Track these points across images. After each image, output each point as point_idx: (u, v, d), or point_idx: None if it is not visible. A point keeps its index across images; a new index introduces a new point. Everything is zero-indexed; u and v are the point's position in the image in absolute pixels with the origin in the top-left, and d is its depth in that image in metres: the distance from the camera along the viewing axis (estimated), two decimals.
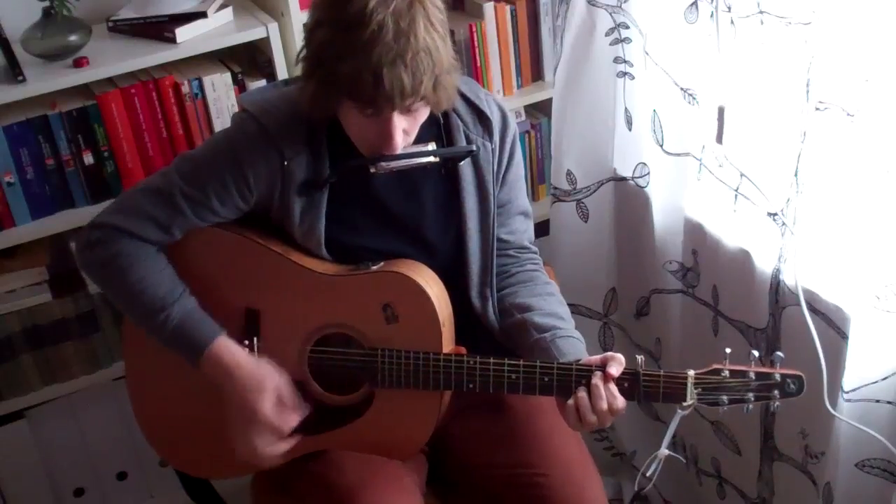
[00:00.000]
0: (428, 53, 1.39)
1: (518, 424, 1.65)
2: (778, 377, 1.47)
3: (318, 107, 1.47)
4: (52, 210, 2.02)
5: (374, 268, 1.57)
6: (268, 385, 1.53)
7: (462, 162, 1.60)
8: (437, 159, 1.54)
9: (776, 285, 1.76)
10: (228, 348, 1.54)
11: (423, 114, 1.48)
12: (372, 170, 1.51)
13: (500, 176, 1.66)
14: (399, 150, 1.48)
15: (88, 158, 2.00)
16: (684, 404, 1.48)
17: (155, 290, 1.54)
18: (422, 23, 1.38)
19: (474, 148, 1.59)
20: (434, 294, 1.54)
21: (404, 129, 1.46)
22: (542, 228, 2.34)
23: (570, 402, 1.49)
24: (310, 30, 1.45)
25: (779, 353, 1.48)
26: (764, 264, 1.79)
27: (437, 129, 1.59)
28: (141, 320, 1.57)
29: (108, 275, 1.57)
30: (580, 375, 1.49)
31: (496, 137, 1.63)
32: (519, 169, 1.70)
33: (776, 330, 1.80)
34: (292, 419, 1.55)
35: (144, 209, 1.55)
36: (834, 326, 1.66)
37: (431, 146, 1.54)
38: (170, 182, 1.55)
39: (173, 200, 1.54)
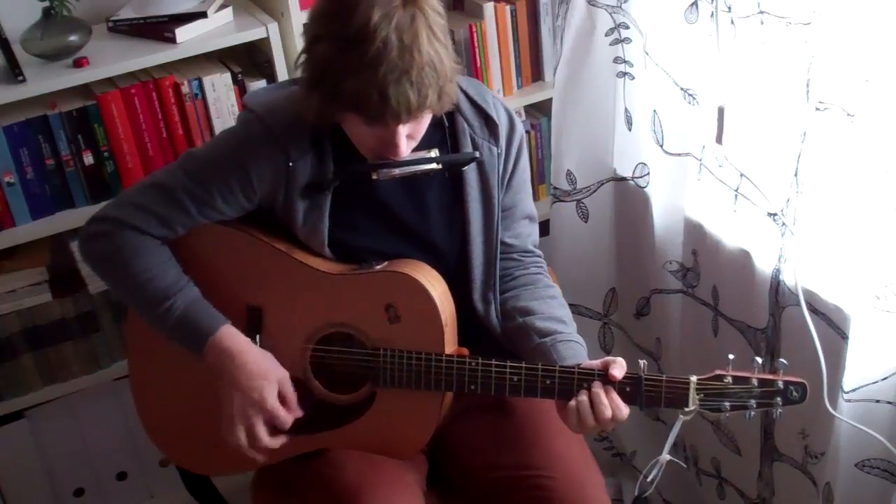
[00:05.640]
0: (432, 67, 1.38)
1: (520, 425, 1.65)
2: (781, 384, 1.46)
3: (322, 118, 1.47)
4: (52, 210, 2.02)
5: (378, 267, 1.57)
6: (272, 376, 1.54)
7: (467, 167, 1.60)
8: (440, 166, 1.54)
9: (776, 285, 1.76)
10: (233, 336, 1.54)
11: (427, 119, 1.48)
12: (374, 176, 1.51)
13: (506, 180, 1.65)
14: (404, 157, 1.48)
15: (88, 158, 2.00)
16: (686, 410, 1.48)
17: (158, 281, 1.54)
18: (425, 35, 1.37)
19: (477, 154, 1.59)
20: (437, 294, 1.54)
21: (408, 135, 1.47)
22: (542, 228, 2.32)
23: (572, 403, 1.48)
24: (310, 41, 1.43)
25: (783, 360, 1.48)
26: (764, 264, 1.79)
27: (442, 132, 1.59)
28: (143, 311, 1.57)
29: (111, 267, 1.58)
30: (582, 379, 1.49)
31: (503, 142, 1.63)
32: (525, 173, 1.69)
33: (776, 330, 1.80)
34: (291, 416, 1.55)
35: (148, 205, 1.55)
36: (834, 326, 1.66)
37: (434, 153, 1.54)
38: (175, 180, 1.55)
39: (177, 198, 1.54)
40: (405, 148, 1.46)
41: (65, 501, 2.32)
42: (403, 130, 1.44)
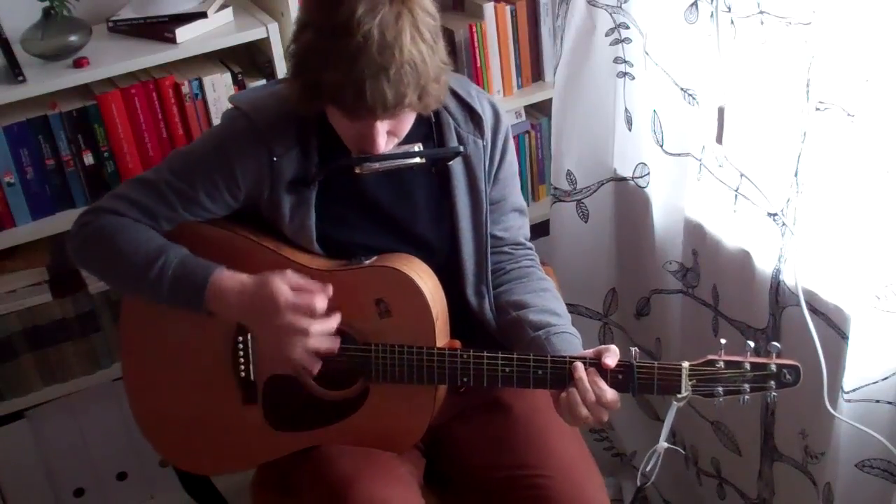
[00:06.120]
0: (413, 66, 1.37)
1: (519, 425, 1.65)
2: (774, 367, 1.45)
3: (303, 107, 1.47)
4: (53, 210, 2.02)
5: (367, 262, 1.57)
6: (272, 278, 1.48)
7: (453, 160, 1.60)
8: (424, 160, 1.54)
9: (776, 285, 1.76)
10: (231, 274, 1.51)
11: (409, 117, 1.48)
12: (357, 170, 1.51)
13: (493, 173, 1.66)
14: (382, 152, 1.48)
15: (88, 158, 2.00)
16: (679, 396, 1.47)
17: (149, 244, 1.53)
18: (409, 34, 1.37)
19: (461, 149, 1.59)
20: (427, 288, 1.54)
21: (389, 131, 1.47)
22: (542, 228, 2.34)
23: (563, 395, 1.49)
24: (298, 29, 1.44)
25: (775, 344, 1.46)
26: (764, 264, 1.79)
27: (427, 127, 1.59)
28: (139, 277, 1.53)
29: (97, 245, 1.56)
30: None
31: (488, 135, 1.63)
32: (512, 166, 1.69)
33: (776, 330, 1.80)
34: (319, 298, 1.48)
35: (132, 196, 1.56)
36: (834, 326, 1.66)
37: (418, 147, 1.54)
38: (160, 176, 1.56)
39: (161, 193, 1.55)
40: (383, 144, 1.46)
41: (65, 501, 2.32)
42: (382, 127, 1.44)
